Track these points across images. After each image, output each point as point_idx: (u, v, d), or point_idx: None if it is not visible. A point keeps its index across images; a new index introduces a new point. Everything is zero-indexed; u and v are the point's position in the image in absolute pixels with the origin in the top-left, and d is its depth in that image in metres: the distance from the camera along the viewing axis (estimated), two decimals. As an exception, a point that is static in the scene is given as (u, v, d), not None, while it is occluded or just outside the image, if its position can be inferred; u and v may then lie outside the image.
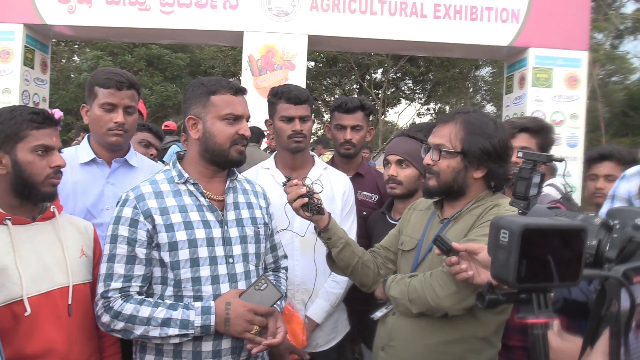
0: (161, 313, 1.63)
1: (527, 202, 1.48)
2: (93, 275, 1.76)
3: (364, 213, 2.61)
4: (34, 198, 1.63)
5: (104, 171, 2.12)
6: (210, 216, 1.74)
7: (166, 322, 1.62)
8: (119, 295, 1.65)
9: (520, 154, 1.58)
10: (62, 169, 1.67)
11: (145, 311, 1.63)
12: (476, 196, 1.73)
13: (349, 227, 2.37)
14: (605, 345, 0.83)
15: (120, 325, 1.63)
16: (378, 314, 1.87)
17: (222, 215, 1.77)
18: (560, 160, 1.60)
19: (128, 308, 1.63)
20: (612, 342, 0.81)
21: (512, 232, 0.80)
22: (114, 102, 2.07)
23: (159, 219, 1.67)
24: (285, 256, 2.07)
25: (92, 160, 2.12)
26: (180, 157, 1.84)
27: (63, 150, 1.72)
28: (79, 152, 2.13)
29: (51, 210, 1.71)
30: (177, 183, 1.75)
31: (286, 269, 2.05)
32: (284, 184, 1.83)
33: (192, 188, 1.75)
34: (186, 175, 1.75)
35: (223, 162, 1.77)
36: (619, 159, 2.45)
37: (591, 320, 0.91)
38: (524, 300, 0.85)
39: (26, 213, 1.64)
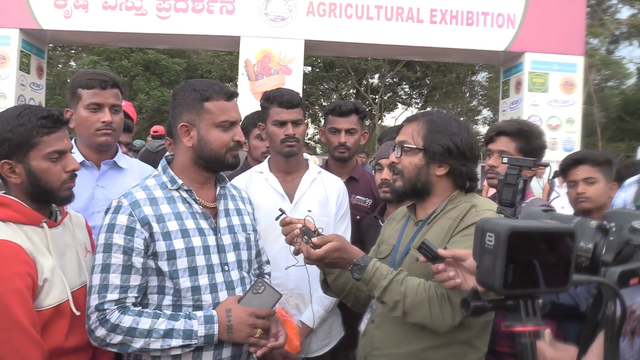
0: (162, 324, 1.57)
1: (514, 208, 1.46)
2: None
3: (358, 217, 2.59)
4: (52, 202, 1.64)
5: (93, 174, 2.09)
6: (203, 224, 1.71)
7: (169, 334, 1.56)
8: (116, 307, 1.57)
9: (505, 160, 1.56)
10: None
11: (145, 323, 1.56)
12: (445, 196, 1.72)
13: (343, 231, 2.35)
14: (599, 348, 0.81)
15: (117, 338, 1.55)
16: (363, 326, 1.84)
17: (215, 223, 1.74)
18: (546, 165, 1.59)
19: (127, 320, 1.56)
20: (607, 345, 0.78)
21: (499, 235, 0.77)
22: (99, 101, 2.05)
23: (156, 227, 1.61)
24: (268, 262, 2.03)
25: (81, 164, 2.07)
26: (167, 162, 1.79)
27: None
28: None
29: (65, 210, 1.71)
30: (170, 189, 1.71)
31: (269, 274, 2.02)
32: (277, 219, 1.76)
33: (185, 195, 1.71)
34: (180, 181, 1.71)
35: (219, 167, 1.74)
36: (593, 161, 2.45)
37: (587, 326, 0.89)
38: (511, 307, 0.81)
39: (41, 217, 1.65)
